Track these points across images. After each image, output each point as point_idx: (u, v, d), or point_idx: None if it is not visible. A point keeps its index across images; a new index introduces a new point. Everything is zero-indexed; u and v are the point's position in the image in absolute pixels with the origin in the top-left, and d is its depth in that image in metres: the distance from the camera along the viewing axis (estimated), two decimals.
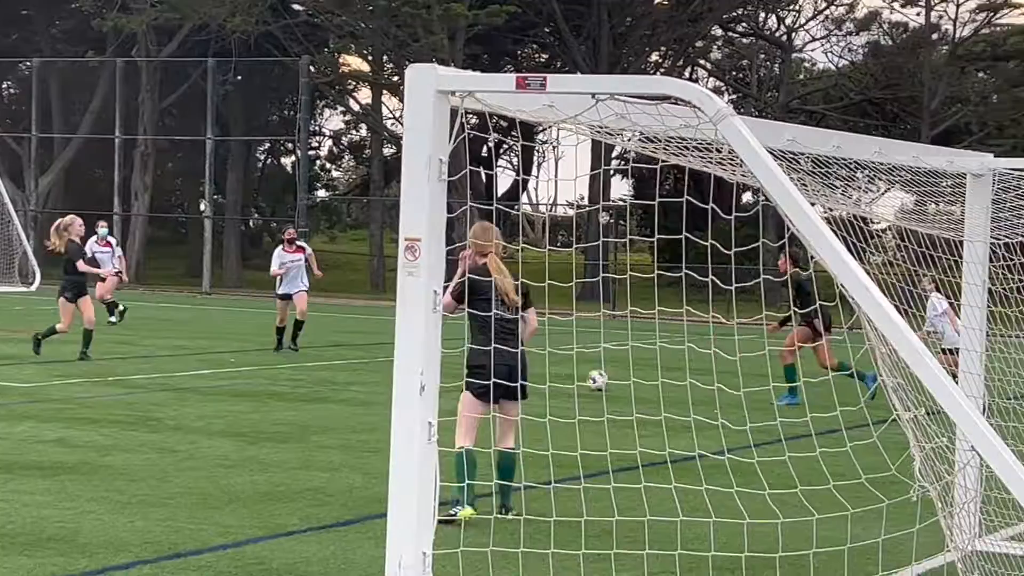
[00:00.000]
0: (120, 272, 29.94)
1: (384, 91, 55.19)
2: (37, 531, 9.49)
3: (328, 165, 76.68)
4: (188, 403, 16.92)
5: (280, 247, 24.62)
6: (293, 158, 62.00)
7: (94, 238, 30.68)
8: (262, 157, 70.13)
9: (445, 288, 7.15)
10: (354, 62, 57.17)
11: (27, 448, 13.03)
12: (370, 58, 53.56)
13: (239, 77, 57.25)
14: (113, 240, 31.03)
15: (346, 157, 76.09)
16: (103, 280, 26.72)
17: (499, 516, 9.85)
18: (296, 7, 52.27)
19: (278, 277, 24.15)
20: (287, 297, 23.91)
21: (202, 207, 56.06)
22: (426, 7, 44.93)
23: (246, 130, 58.16)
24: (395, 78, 51.56)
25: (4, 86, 67.28)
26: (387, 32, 48.14)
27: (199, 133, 52.26)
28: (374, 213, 56.87)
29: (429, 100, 6.66)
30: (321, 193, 74.86)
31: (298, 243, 24.69)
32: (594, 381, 16.18)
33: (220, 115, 53.57)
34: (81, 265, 21.32)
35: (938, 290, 17.80)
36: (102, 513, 10.16)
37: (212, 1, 48.18)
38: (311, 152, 63.97)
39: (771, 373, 7.80)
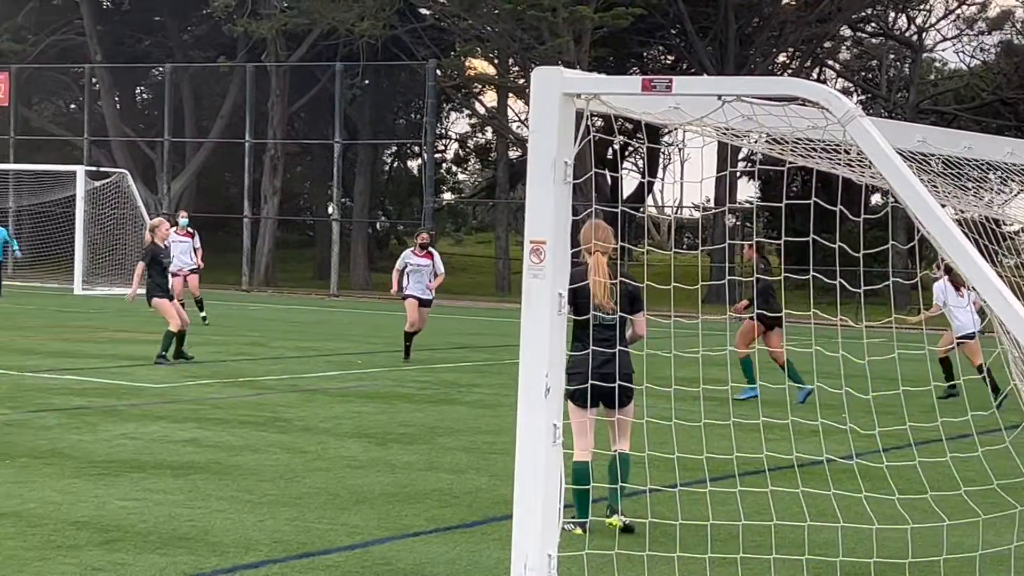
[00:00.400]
0: (198, 269, 30.53)
1: (510, 94, 55.33)
2: (169, 530, 9.63)
3: (454, 168, 77.07)
4: (316, 404, 17.08)
5: (411, 249, 23.63)
6: (419, 161, 62.39)
7: (175, 228, 31.20)
8: (389, 160, 70.66)
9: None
10: (480, 65, 57.39)
11: (160, 448, 13.24)
12: (496, 61, 53.71)
13: (367, 81, 57.74)
14: (193, 231, 31.43)
15: (472, 160, 76.38)
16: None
17: (604, 518, 9.66)
18: (423, 11, 52.59)
19: (399, 279, 23.07)
20: (416, 298, 22.83)
21: (330, 210, 56.60)
22: (552, 10, 44.96)
23: (373, 134, 58.62)
24: (521, 81, 51.66)
25: (137, 91, 68.48)
26: (513, 35, 48.25)
27: (327, 137, 52.77)
28: (499, 216, 57.02)
29: (555, 103, 6.66)
30: (447, 196, 75.26)
31: (429, 248, 23.41)
32: None
33: (348, 119, 54.04)
34: (138, 269, 21.59)
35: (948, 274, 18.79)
36: (232, 512, 10.29)
37: (341, 6, 48.64)
38: (437, 155, 64.31)
39: (901, 377, 7.68)
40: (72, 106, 69.11)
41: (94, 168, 48.70)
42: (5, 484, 11.07)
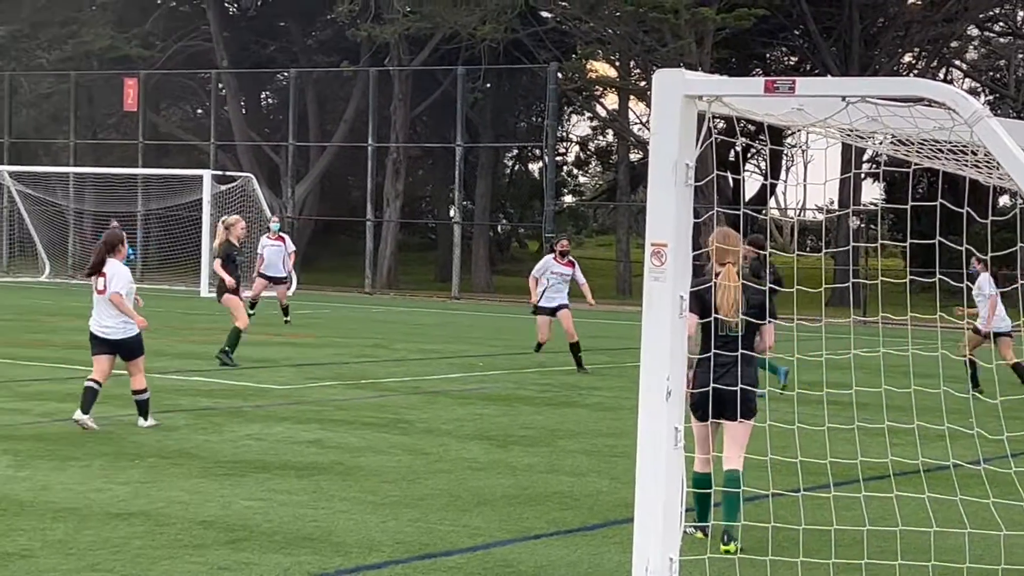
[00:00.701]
0: (287, 279, 30.77)
1: (631, 96, 55.23)
2: (294, 530, 9.74)
3: (575, 171, 77.09)
4: (438, 406, 17.17)
5: (551, 255, 22.46)
6: (541, 164, 62.44)
7: (267, 233, 31.60)
8: (510, 163, 70.86)
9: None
10: (601, 68, 57.36)
11: (284, 448, 13.39)
12: (617, 64, 53.65)
13: (488, 84, 57.93)
14: (286, 236, 31.69)
15: (593, 163, 76.37)
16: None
17: (723, 544, 9.30)
18: (544, 14, 52.65)
19: (536, 287, 21.94)
20: (549, 312, 21.84)
21: (451, 213, 56.86)
22: (674, 12, 44.79)
23: (495, 137, 58.81)
24: (642, 83, 51.54)
25: (263, 96, 69.33)
26: (634, 37, 48.15)
27: (449, 140, 53.01)
28: (620, 218, 56.93)
29: (676, 105, 6.64)
30: (568, 199, 75.29)
31: (570, 257, 22.29)
32: None
33: (469, 122, 54.27)
34: (217, 265, 21.67)
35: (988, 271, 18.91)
36: (355, 513, 10.37)
37: (462, 10, 48.87)
38: (558, 158, 64.37)
39: None
40: (199, 111, 70.16)
41: (220, 172, 49.41)
42: (134, 484, 11.26)
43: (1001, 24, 57.78)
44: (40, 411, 15.51)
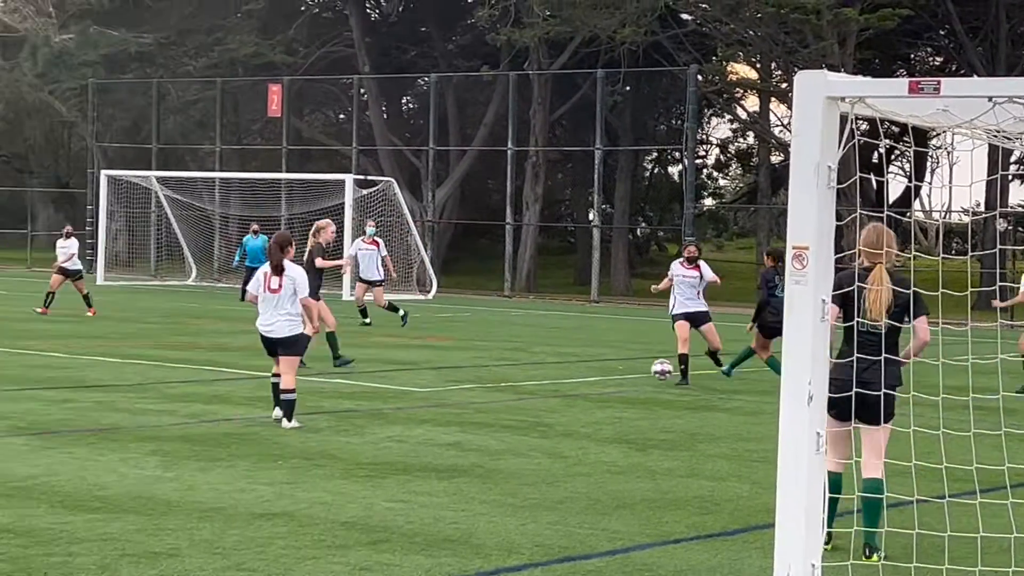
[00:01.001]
0: (383, 282, 31.11)
1: (772, 98, 54.77)
2: (434, 531, 9.80)
3: (715, 173, 76.65)
4: (577, 409, 17.18)
5: (678, 260, 21.77)
6: (680, 167, 62.24)
7: (362, 237, 31.96)
8: (649, 166, 70.65)
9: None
10: (742, 70, 56.94)
11: (424, 451, 13.49)
12: (758, 65, 53.24)
13: (627, 87, 57.84)
14: (380, 241, 32.03)
15: (733, 165, 75.86)
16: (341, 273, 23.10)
17: (864, 558, 9.06)
18: (684, 17, 52.44)
19: (667, 291, 21.37)
20: (683, 317, 21.01)
21: (590, 216, 56.83)
22: (816, 12, 44.34)
23: (634, 140, 58.68)
24: (783, 85, 51.08)
25: (403, 101, 69.91)
26: (776, 39, 47.76)
27: (588, 143, 53.01)
28: (761, 221, 56.48)
29: (818, 106, 6.58)
30: (708, 202, 74.88)
31: (698, 261, 21.39)
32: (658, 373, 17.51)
33: (609, 125, 54.20)
34: (320, 261, 21.69)
35: None
36: (495, 515, 10.41)
37: (602, 13, 48.83)
38: (698, 161, 64.05)
39: None
40: (341, 116, 70.94)
41: (362, 176, 49.89)
42: (278, 484, 11.42)
43: None
44: (186, 412, 15.79)
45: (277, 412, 14.97)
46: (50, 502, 10.38)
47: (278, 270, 15.00)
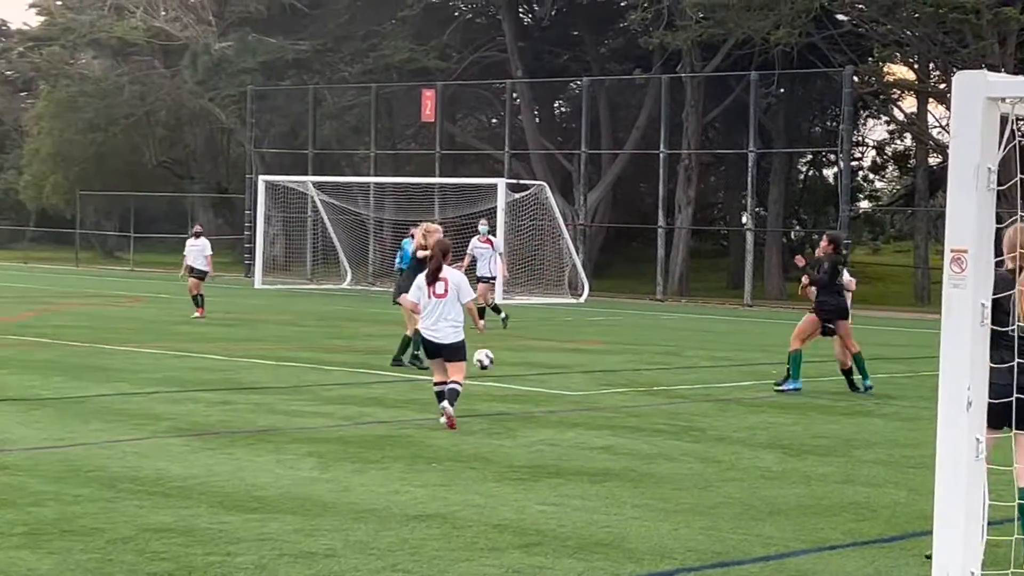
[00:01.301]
0: (494, 279, 31.44)
1: (930, 99, 53.94)
2: (586, 535, 9.81)
3: (871, 176, 75.62)
4: (730, 414, 17.07)
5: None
6: (835, 169, 61.51)
7: (477, 237, 32.32)
8: (803, 169, 69.97)
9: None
10: (899, 71, 56.17)
11: (576, 454, 13.50)
12: (916, 66, 52.47)
13: (781, 89, 57.38)
14: (494, 239, 32.42)
15: (890, 167, 74.79)
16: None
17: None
18: (840, 17, 51.86)
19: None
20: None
21: (744, 219, 56.45)
22: (975, 12, 43.60)
23: (788, 142, 58.19)
24: (941, 86, 50.29)
25: (556, 105, 70.08)
26: (934, 39, 47.03)
27: (741, 146, 52.69)
28: (918, 224, 55.63)
29: (977, 107, 6.47)
30: (863, 204, 73.92)
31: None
32: (480, 363, 16.91)
33: (762, 128, 53.84)
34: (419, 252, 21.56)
35: None
36: (647, 520, 10.39)
37: (756, 15, 48.50)
38: (854, 163, 63.28)
39: None
40: (493, 121, 71.35)
41: (514, 180, 50.12)
42: (431, 486, 11.51)
43: None
44: (342, 415, 15.99)
45: (444, 404, 15.07)
46: (209, 502, 10.57)
47: (440, 276, 15.16)
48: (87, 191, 75.63)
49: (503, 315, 30.57)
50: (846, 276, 20.78)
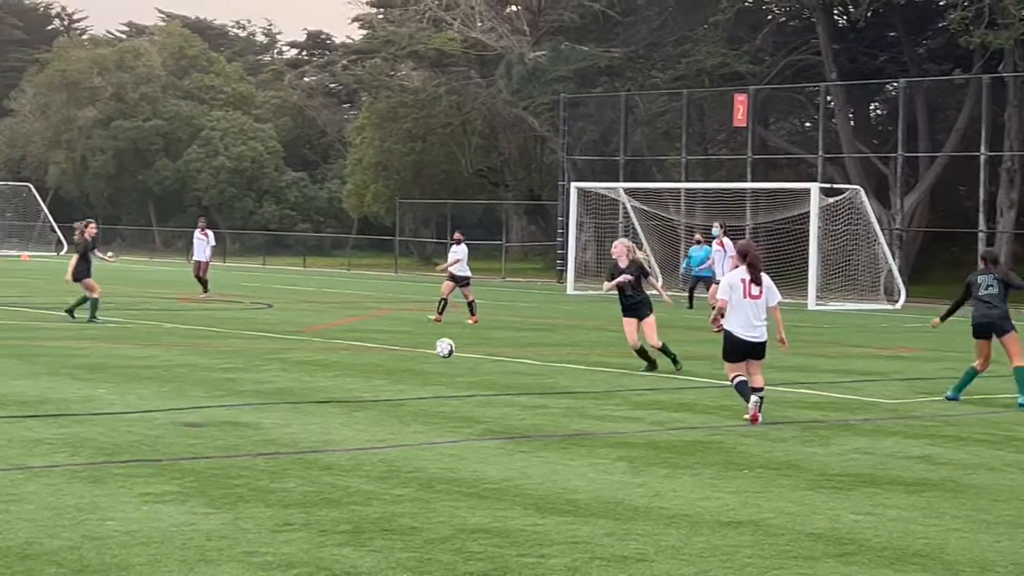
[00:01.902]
0: (712, 276, 33.86)
1: None
2: (903, 546, 9.61)
3: None
4: None
5: None
6: None
7: (715, 239, 33.89)
8: None
9: None
10: None
11: (892, 463, 13.23)
12: None
13: None
14: (727, 241, 34.05)
15: None
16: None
17: None
18: None
19: None
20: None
21: None
22: None
23: None
24: None
25: (871, 107, 68.75)
26: None
27: None
28: None
29: None
30: None
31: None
32: (442, 351, 16.86)
33: None
34: (607, 284, 22.22)
35: None
36: (967, 532, 10.12)
37: None
38: None
39: None
40: (806, 124, 70.42)
41: (828, 185, 49.36)
42: (743, 493, 11.44)
43: None
44: (652, 420, 16.03)
45: (754, 399, 15.69)
46: (523, 504, 10.74)
47: (758, 279, 15.93)
48: (406, 199, 77.73)
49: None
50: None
